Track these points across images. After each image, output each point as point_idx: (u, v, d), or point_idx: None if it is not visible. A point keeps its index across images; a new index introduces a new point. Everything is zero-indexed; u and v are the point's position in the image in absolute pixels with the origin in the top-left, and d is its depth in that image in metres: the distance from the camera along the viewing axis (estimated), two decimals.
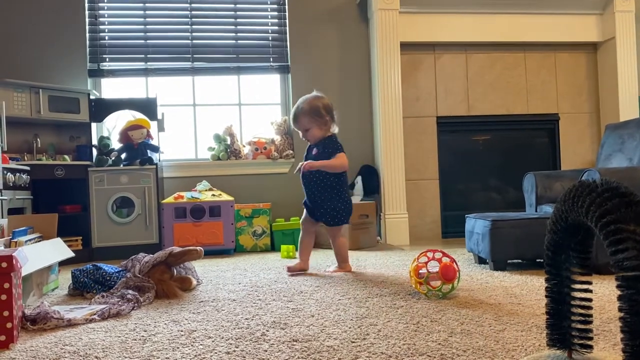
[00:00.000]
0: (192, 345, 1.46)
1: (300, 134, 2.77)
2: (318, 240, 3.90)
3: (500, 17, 4.36)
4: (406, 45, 4.25)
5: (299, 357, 1.32)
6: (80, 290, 2.30)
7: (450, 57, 4.44)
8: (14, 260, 1.53)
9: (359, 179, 4.22)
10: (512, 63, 4.52)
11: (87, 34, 4.14)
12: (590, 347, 1.13)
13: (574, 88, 4.59)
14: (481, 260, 2.85)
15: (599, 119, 4.59)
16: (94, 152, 3.86)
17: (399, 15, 4.17)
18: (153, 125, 3.96)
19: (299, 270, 2.71)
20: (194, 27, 4.32)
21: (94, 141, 3.92)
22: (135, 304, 1.97)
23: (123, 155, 3.85)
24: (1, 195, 2.92)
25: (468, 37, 4.34)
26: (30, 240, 2.37)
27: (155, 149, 3.92)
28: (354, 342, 1.44)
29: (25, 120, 3.60)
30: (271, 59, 4.39)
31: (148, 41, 4.26)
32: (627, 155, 3.15)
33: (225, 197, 3.81)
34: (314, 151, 2.74)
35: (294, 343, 1.45)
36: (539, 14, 4.39)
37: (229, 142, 4.24)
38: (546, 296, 1.18)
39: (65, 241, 2.65)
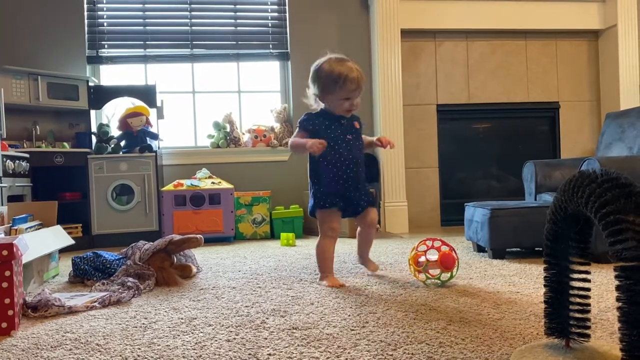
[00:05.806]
0: (192, 333, 1.47)
1: (349, 103, 2.21)
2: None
3: (501, 4, 4.32)
4: (407, 32, 4.22)
5: (298, 345, 1.33)
6: (80, 277, 2.31)
7: (451, 44, 4.42)
8: (14, 248, 1.54)
9: None
10: (513, 51, 4.49)
11: (86, 20, 4.11)
12: (588, 336, 1.13)
13: (574, 76, 4.57)
14: (480, 249, 2.86)
15: (599, 107, 4.57)
16: (93, 139, 3.85)
17: (400, 2, 4.14)
18: (152, 112, 3.95)
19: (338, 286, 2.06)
20: (193, 13, 4.29)
21: (93, 128, 3.91)
22: (136, 292, 1.98)
23: (122, 143, 3.84)
24: (1, 183, 2.92)
25: (469, 24, 4.31)
26: (30, 227, 2.38)
27: (155, 137, 3.91)
28: (353, 329, 1.45)
29: (24, 107, 3.59)
30: (271, 46, 4.36)
31: (147, 27, 4.23)
32: (627, 144, 3.14)
33: (225, 184, 3.81)
34: (357, 124, 2.31)
35: (294, 331, 1.46)
36: (541, 1, 4.36)
37: (228, 130, 4.24)
38: (545, 285, 1.19)
39: (65, 228, 2.66)
